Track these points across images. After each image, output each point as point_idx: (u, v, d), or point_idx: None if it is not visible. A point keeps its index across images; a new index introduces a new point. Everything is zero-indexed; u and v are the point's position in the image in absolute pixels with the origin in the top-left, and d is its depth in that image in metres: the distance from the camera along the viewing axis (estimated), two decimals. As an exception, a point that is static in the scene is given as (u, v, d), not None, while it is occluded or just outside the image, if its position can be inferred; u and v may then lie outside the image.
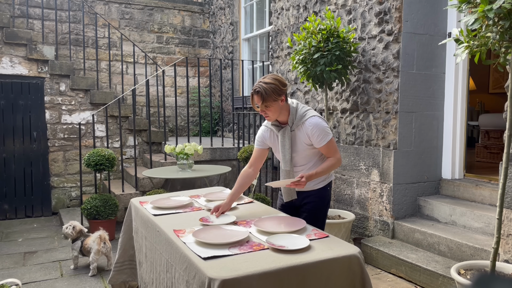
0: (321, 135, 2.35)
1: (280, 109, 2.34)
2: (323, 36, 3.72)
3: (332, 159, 2.42)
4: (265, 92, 2.25)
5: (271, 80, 2.29)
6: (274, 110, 2.32)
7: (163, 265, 2.06)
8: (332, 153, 2.42)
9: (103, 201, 4.38)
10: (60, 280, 3.44)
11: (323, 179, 2.54)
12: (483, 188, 3.56)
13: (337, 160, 2.42)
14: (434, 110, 3.91)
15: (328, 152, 2.41)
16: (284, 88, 2.33)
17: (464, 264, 2.67)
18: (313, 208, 2.53)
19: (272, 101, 2.28)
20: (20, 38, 5.46)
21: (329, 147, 2.39)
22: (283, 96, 2.33)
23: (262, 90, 2.26)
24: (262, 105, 2.29)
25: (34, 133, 5.54)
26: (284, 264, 1.66)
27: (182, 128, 7.44)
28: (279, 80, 2.32)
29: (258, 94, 2.28)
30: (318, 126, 2.35)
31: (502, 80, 7.65)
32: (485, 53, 2.26)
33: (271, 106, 2.29)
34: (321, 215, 2.57)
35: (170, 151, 4.34)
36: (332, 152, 2.41)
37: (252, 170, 2.58)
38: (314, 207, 2.53)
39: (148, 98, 5.75)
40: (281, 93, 2.30)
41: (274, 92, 2.27)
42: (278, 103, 2.31)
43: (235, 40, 6.97)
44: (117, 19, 6.90)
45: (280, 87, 2.30)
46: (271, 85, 2.27)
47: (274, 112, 2.34)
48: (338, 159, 2.43)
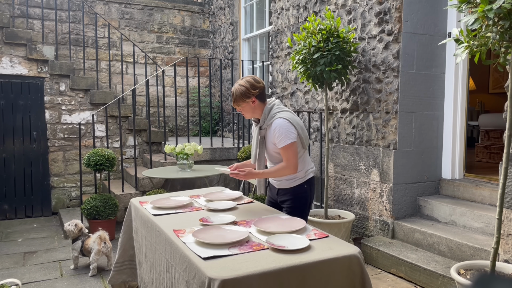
0: (281, 137, 2.41)
1: (252, 109, 2.51)
2: (323, 36, 3.72)
3: (283, 164, 2.47)
4: (235, 94, 2.47)
5: (244, 83, 2.48)
6: (246, 110, 2.52)
7: (163, 265, 2.06)
8: (286, 159, 2.44)
9: (103, 201, 4.38)
10: (60, 280, 3.44)
11: (299, 177, 2.58)
12: (483, 188, 3.56)
13: (288, 166, 2.44)
14: (434, 110, 3.91)
15: (283, 156, 2.45)
16: (255, 91, 2.47)
17: (464, 264, 2.67)
18: (291, 207, 2.60)
19: (242, 102, 2.48)
20: (20, 38, 5.46)
21: (285, 151, 2.43)
22: (253, 97, 2.48)
23: (234, 91, 2.49)
24: (235, 104, 2.51)
25: (34, 133, 5.54)
26: (284, 264, 1.66)
27: (182, 128, 7.44)
28: (250, 83, 2.47)
29: (232, 95, 2.51)
30: (281, 127, 2.42)
31: (502, 80, 7.65)
32: (485, 53, 2.26)
33: (242, 106, 2.50)
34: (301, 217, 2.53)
35: (170, 151, 4.34)
36: (285, 158, 2.44)
37: None
38: (292, 206, 2.60)
39: (148, 98, 5.76)
40: (250, 95, 2.47)
41: (243, 94, 2.46)
42: (249, 104, 2.49)
43: (235, 40, 6.97)
44: (117, 19, 6.89)
45: (249, 90, 2.46)
46: (242, 87, 2.46)
47: (247, 112, 2.53)
48: (289, 166, 2.44)
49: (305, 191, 2.61)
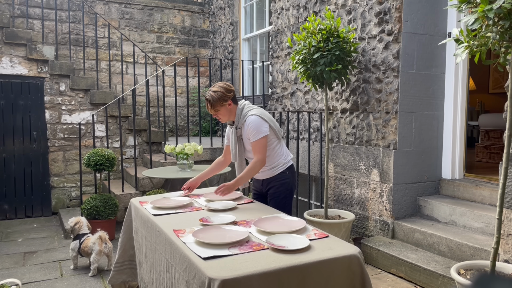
0: (253, 132, 2.64)
1: (229, 112, 2.72)
2: (323, 36, 3.72)
3: (253, 161, 2.67)
4: (213, 99, 2.65)
5: (218, 89, 2.67)
6: (223, 113, 2.71)
7: (163, 265, 2.06)
8: (257, 152, 2.65)
9: (103, 201, 4.38)
10: (60, 280, 3.44)
11: (280, 165, 2.81)
12: (483, 188, 3.56)
13: (258, 159, 2.66)
14: (434, 110, 3.91)
15: (254, 150, 2.67)
16: (230, 94, 2.69)
17: (464, 264, 2.67)
18: (276, 193, 2.83)
19: (220, 106, 2.67)
20: (20, 38, 5.46)
21: (256, 145, 2.65)
22: (229, 100, 2.69)
23: (210, 98, 2.65)
24: (212, 110, 2.68)
25: (34, 133, 5.54)
26: (284, 264, 1.66)
27: (182, 128, 7.44)
28: (225, 88, 2.69)
29: (208, 101, 2.67)
30: (253, 123, 2.65)
31: (502, 80, 7.65)
32: (485, 53, 2.26)
33: (220, 110, 2.68)
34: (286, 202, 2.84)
35: (170, 151, 4.34)
36: (256, 151, 2.66)
37: (224, 160, 3.01)
38: (276, 192, 2.83)
39: (148, 98, 5.76)
40: (226, 98, 2.67)
41: (220, 98, 2.65)
42: (226, 107, 2.69)
43: (235, 40, 6.97)
44: (117, 19, 6.90)
45: (225, 94, 2.67)
46: (218, 92, 2.65)
47: (223, 115, 2.72)
48: (260, 159, 2.66)
49: (288, 177, 2.84)
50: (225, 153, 3.03)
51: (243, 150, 2.83)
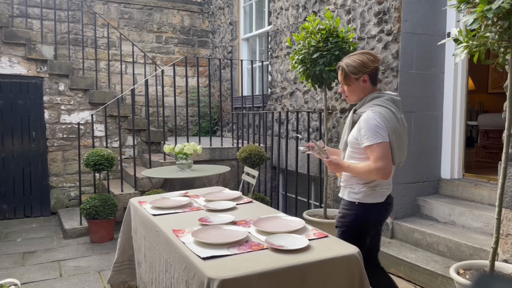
0: (367, 134, 2.03)
1: (360, 90, 2.16)
2: (322, 36, 3.72)
3: (370, 163, 2.05)
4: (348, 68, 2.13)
5: (359, 56, 2.14)
6: (354, 90, 2.17)
7: (162, 265, 2.06)
8: (373, 159, 2.03)
9: (102, 201, 4.38)
10: (59, 280, 3.43)
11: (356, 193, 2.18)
12: (482, 188, 3.56)
13: (375, 168, 2.02)
14: (433, 110, 3.91)
15: (370, 156, 2.07)
16: (372, 65, 2.13)
17: (463, 264, 2.67)
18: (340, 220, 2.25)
19: (354, 80, 2.13)
20: (19, 38, 5.45)
21: (371, 151, 2.04)
22: (367, 76, 2.13)
23: (345, 65, 2.14)
24: (344, 82, 2.16)
25: (33, 133, 5.53)
26: (283, 264, 1.66)
27: (181, 128, 7.44)
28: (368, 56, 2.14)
29: (339, 69, 2.17)
30: (367, 121, 2.04)
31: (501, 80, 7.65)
32: (484, 53, 2.26)
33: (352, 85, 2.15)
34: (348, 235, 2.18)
35: (169, 151, 4.33)
36: (373, 159, 2.04)
37: None
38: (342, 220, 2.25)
39: (147, 98, 5.75)
40: (365, 70, 2.12)
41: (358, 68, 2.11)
42: (360, 83, 2.14)
43: (234, 40, 6.96)
44: (116, 19, 6.89)
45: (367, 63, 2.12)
46: (357, 61, 2.12)
47: (353, 93, 2.18)
48: (375, 168, 2.02)
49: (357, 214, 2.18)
50: None
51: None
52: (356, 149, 2.17)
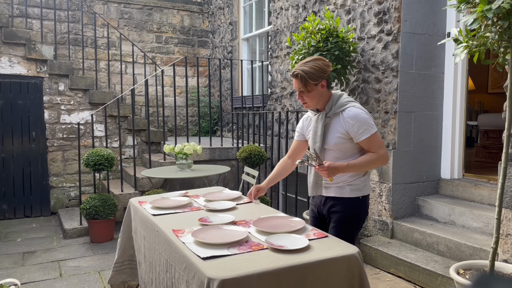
0: (362, 127, 2.12)
1: (319, 95, 2.19)
2: (322, 36, 3.72)
3: (373, 154, 2.14)
4: (308, 74, 2.13)
5: (314, 63, 2.16)
6: (314, 96, 2.18)
7: (163, 265, 2.06)
8: (375, 149, 2.14)
9: (102, 201, 4.38)
10: (59, 280, 3.43)
11: (358, 188, 2.24)
12: (482, 188, 3.56)
13: (379, 156, 2.13)
14: (433, 110, 3.92)
15: (370, 147, 2.15)
16: (328, 70, 2.18)
17: (463, 264, 2.67)
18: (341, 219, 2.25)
19: (314, 86, 2.15)
20: (19, 38, 5.45)
21: (371, 142, 2.13)
22: (325, 81, 2.18)
23: (305, 71, 2.13)
24: (304, 88, 2.15)
25: (33, 133, 5.53)
26: (283, 264, 1.66)
27: (181, 128, 7.44)
28: (323, 62, 2.18)
29: (298, 77, 2.14)
30: (358, 116, 2.13)
31: (501, 80, 7.65)
32: (484, 53, 2.26)
33: (312, 91, 2.15)
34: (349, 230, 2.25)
35: (169, 151, 4.33)
36: (374, 148, 2.14)
37: (291, 161, 2.46)
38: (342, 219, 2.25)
39: (147, 98, 5.75)
40: (324, 76, 2.16)
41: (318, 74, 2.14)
42: (319, 89, 2.17)
43: (234, 40, 6.96)
44: (116, 19, 6.89)
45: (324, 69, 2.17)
46: (314, 67, 2.14)
47: (313, 98, 2.19)
48: (381, 156, 2.14)
49: (359, 206, 2.26)
50: (292, 153, 2.45)
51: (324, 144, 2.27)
52: (342, 149, 2.21)
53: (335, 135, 2.19)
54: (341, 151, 2.21)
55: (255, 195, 2.40)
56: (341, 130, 2.17)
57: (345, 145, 2.19)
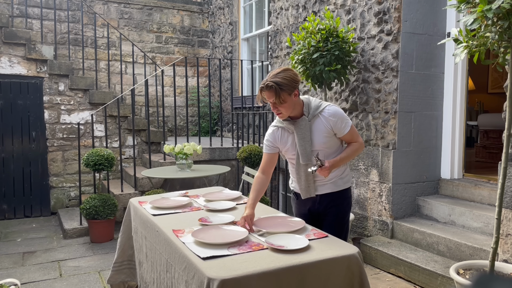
0: (344, 122, 2.28)
1: (293, 104, 2.21)
2: (322, 36, 3.72)
3: (354, 144, 2.36)
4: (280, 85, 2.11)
5: (286, 73, 2.16)
6: (289, 105, 2.18)
7: (163, 265, 2.06)
8: (356, 137, 2.37)
9: (102, 201, 4.38)
10: (59, 280, 3.43)
11: (347, 180, 2.44)
12: (482, 188, 3.56)
13: (360, 144, 2.37)
14: (433, 110, 3.91)
15: (352, 138, 2.35)
16: (298, 80, 2.21)
17: (463, 264, 2.67)
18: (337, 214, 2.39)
19: (288, 96, 2.14)
20: (19, 38, 5.45)
21: (352, 133, 2.34)
22: (297, 90, 2.20)
23: (278, 82, 2.11)
24: (277, 100, 2.13)
25: (33, 133, 5.53)
26: (283, 264, 1.66)
27: (181, 128, 7.44)
28: (293, 72, 2.20)
29: (271, 89, 2.12)
30: (338, 113, 2.28)
31: (501, 80, 7.65)
32: (484, 53, 2.26)
33: (286, 101, 2.15)
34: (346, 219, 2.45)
35: (169, 151, 4.33)
36: (355, 137, 2.37)
37: (265, 176, 2.38)
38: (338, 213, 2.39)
39: (147, 98, 5.75)
40: (296, 85, 2.18)
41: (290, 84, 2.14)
42: (293, 98, 2.17)
43: (234, 40, 6.96)
44: (116, 19, 6.89)
45: (295, 79, 2.18)
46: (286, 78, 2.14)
47: (288, 108, 2.19)
48: (361, 144, 2.38)
49: (350, 196, 2.48)
50: (266, 167, 2.38)
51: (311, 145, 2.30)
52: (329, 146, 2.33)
53: (321, 135, 2.29)
54: (328, 148, 2.33)
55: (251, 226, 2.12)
56: (325, 129, 2.28)
57: (331, 142, 2.33)
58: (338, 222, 2.40)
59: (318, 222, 2.43)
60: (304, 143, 2.27)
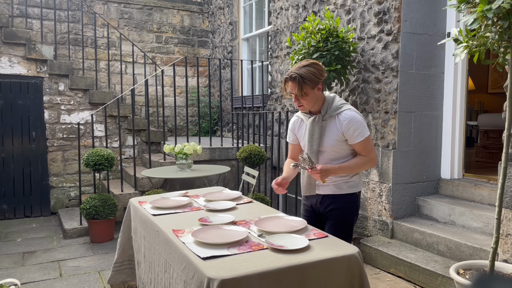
0: (358, 131, 2.18)
1: (315, 99, 2.19)
2: (322, 36, 3.72)
3: (363, 157, 2.23)
4: (304, 77, 2.11)
5: (311, 66, 2.14)
6: (311, 99, 2.17)
7: (162, 265, 2.06)
8: (367, 152, 2.23)
9: (102, 201, 4.38)
10: (59, 280, 3.43)
11: (354, 184, 2.34)
12: (482, 188, 3.56)
13: (370, 159, 2.23)
14: (433, 110, 3.91)
15: (363, 150, 2.23)
16: (324, 74, 2.18)
17: (463, 264, 2.67)
18: (338, 219, 2.33)
19: (311, 89, 2.13)
20: (19, 38, 5.45)
21: (364, 145, 2.20)
22: (320, 84, 2.18)
23: (302, 75, 2.11)
24: (299, 92, 2.12)
25: (33, 133, 5.53)
26: (283, 264, 1.66)
27: (181, 128, 7.44)
28: (319, 65, 2.17)
29: (294, 80, 2.12)
30: (354, 120, 2.18)
31: (501, 80, 7.65)
32: (484, 53, 2.26)
33: (309, 94, 2.14)
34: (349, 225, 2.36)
35: (169, 151, 4.33)
36: (366, 151, 2.23)
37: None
38: (339, 218, 2.33)
39: (147, 98, 5.75)
40: (320, 79, 2.16)
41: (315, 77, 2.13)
42: (315, 92, 2.16)
43: (234, 40, 6.96)
44: (116, 19, 6.89)
45: (321, 73, 2.16)
46: (311, 70, 2.13)
47: (309, 101, 2.18)
48: (371, 159, 2.24)
49: (356, 201, 2.36)
50: (292, 155, 2.47)
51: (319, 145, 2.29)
52: (337, 150, 2.26)
53: (332, 137, 2.24)
54: (336, 153, 2.27)
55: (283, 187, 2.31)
56: (337, 133, 2.22)
57: (340, 147, 2.25)
58: (339, 226, 2.33)
59: (321, 222, 2.42)
60: (312, 140, 2.26)
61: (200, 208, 2.56)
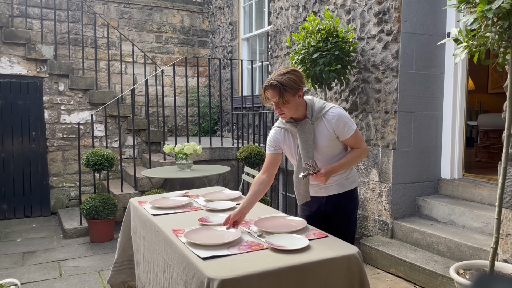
0: (347, 125, 2.20)
1: (297, 106, 2.15)
2: (322, 36, 3.72)
3: (357, 149, 2.28)
4: (284, 85, 2.06)
5: (291, 74, 2.10)
6: (292, 106, 2.13)
7: (161, 265, 2.06)
8: (359, 143, 2.27)
9: (102, 201, 4.38)
10: (59, 280, 3.43)
11: (354, 180, 2.41)
12: (482, 188, 3.56)
13: (363, 150, 2.28)
14: (433, 110, 3.91)
15: (355, 143, 2.27)
16: (303, 81, 2.15)
17: (463, 264, 2.67)
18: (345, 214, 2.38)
19: (292, 96, 2.09)
20: (19, 38, 5.45)
21: (355, 138, 2.25)
22: (301, 91, 2.14)
23: (283, 82, 2.06)
24: (280, 100, 2.08)
25: (33, 133, 5.53)
26: (283, 264, 1.66)
27: (181, 128, 7.44)
28: (298, 72, 2.14)
29: (274, 88, 2.07)
30: (342, 116, 2.20)
31: (501, 80, 7.65)
32: (484, 53, 2.26)
33: (290, 101, 2.10)
34: (354, 220, 2.44)
35: (169, 151, 4.33)
36: (359, 143, 2.27)
37: (267, 177, 2.30)
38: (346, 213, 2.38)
39: (147, 98, 5.75)
40: (300, 87, 2.12)
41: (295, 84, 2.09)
42: (296, 99, 2.12)
43: (234, 40, 6.96)
44: (116, 19, 6.89)
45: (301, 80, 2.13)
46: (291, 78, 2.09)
47: (291, 109, 2.14)
48: (364, 150, 2.28)
49: (357, 195, 2.46)
50: (269, 167, 2.33)
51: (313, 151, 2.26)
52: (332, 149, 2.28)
53: (324, 138, 2.23)
54: (331, 151, 2.28)
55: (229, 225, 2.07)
56: (328, 132, 2.22)
57: (333, 146, 2.27)
58: (345, 222, 2.39)
59: (325, 223, 2.40)
60: (307, 147, 2.22)
61: (200, 208, 2.56)
